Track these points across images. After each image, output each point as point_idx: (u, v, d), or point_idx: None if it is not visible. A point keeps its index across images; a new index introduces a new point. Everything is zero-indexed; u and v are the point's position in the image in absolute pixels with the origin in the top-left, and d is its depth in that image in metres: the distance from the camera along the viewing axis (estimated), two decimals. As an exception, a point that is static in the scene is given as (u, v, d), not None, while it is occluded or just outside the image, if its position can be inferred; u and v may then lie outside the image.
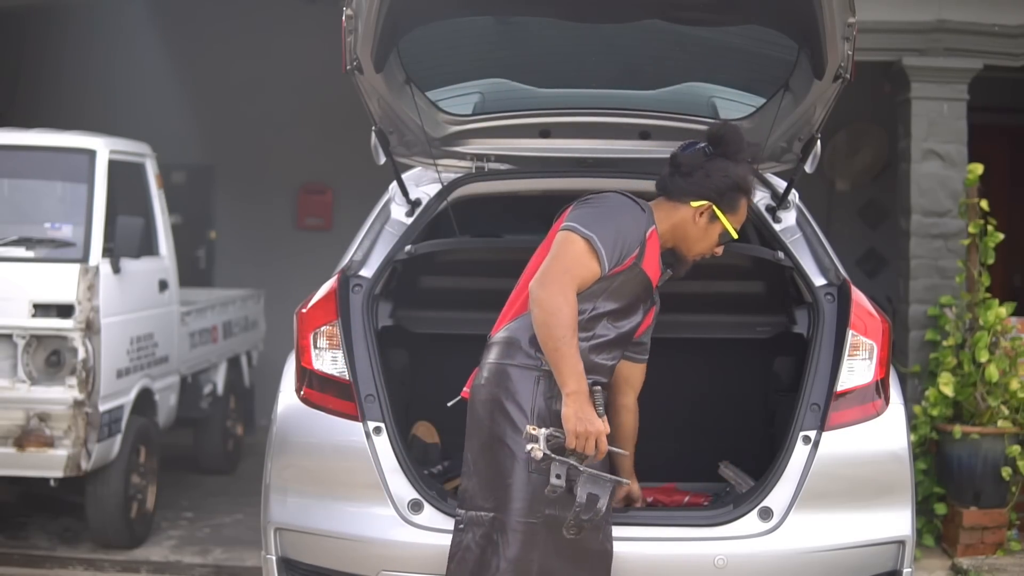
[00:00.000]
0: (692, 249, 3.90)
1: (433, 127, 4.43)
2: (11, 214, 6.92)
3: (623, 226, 3.70)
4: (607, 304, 3.73)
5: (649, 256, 3.78)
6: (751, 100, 4.51)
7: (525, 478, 3.60)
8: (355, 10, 3.67)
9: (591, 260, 3.63)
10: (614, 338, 3.79)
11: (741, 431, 5.02)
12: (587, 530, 3.57)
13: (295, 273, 8.88)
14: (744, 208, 3.91)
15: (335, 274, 4.27)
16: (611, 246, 3.65)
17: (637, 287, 3.77)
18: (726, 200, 3.84)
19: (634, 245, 3.70)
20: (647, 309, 3.93)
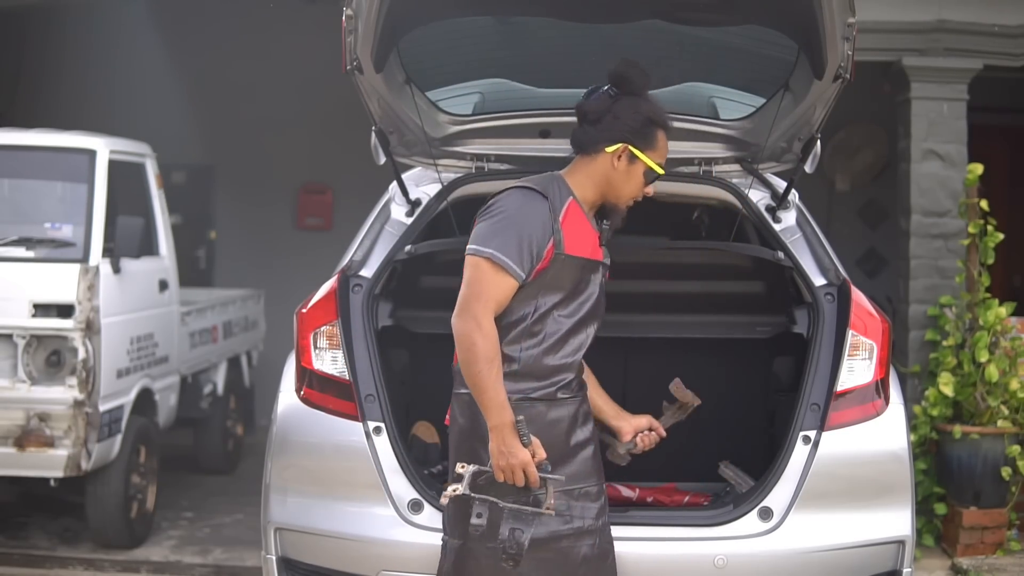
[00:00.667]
0: (620, 196, 3.75)
1: (433, 127, 4.43)
2: (11, 214, 6.93)
3: (524, 226, 3.57)
4: (548, 299, 3.63)
5: (572, 234, 3.65)
6: (751, 100, 4.51)
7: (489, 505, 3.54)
8: (355, 10, 3.67)
9: (500, 277, 3.52)
10: (569, 329, 3.67)
11: (741, 431, 5.02)
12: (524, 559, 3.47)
13: (295, 273, 8.88)
14: (663, 141, 3.74)
15: (335, 274, 4.27)
16: (516, 253, 3.53)
17: (572, 271, 3.66)
18: (641, 137, 3.69)
19: (545, 238, 3.58)
20: (601, 280, 3.78)
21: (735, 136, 4.54)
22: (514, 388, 3.58)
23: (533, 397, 3.62)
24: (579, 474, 3.68)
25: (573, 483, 3.66)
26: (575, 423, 3.71)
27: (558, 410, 3.66)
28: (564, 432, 3.67)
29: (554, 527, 3.60)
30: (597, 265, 3.77)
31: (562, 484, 3.59)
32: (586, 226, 3.74)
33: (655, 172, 3.74)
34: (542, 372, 3.64)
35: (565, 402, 3.69)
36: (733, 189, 4.57)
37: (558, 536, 3.62)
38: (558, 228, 3.62)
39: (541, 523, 3.55)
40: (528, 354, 3.63)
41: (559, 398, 3.67)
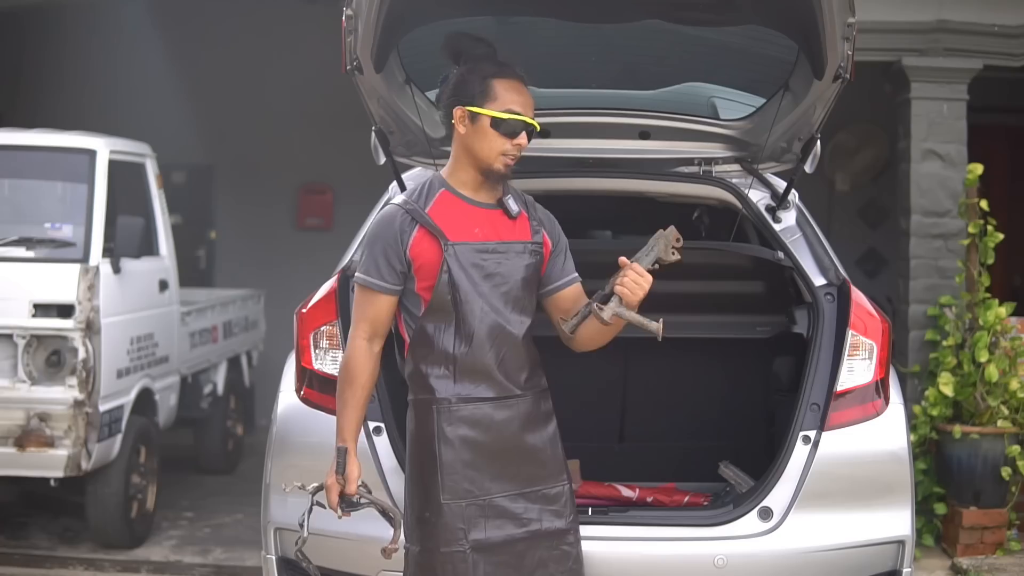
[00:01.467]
0: (488, 159, 3.57)
1: (433, 127, 4.43)
2: (11, 214, 6.93)
3: (378, 240, 3.57)
4: (460, 290, 3.53)
5: (450, 223, 3.56)
6: (751, 100, 4.51)
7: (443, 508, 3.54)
8: (355, 10, 3.67)
9: (370, 296, 3.56)
10: (495, 319, 3.57)
11: (741, 431, 5.02)
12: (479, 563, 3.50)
13: (295, 273, 8.89)
14: (504, 88, 3.57)
15: (335, 274, 4.27)
16: (375, 268, 3.55)
17: (468, 257, 3.55)
18: (470, 93, 3.57)
19: (402, 241, 3.53)
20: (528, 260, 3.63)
21: (735, 136, 4.54)
22: (456, 390, 3.55)
23: (476, 397, 3.56)
24: (537, 476, 3.61)
25: (530, 485, 3.59)
26: (530, 422, 3.62)
27: (505, 410, 3.58)
28: (516, 432, 3.58)
29: (509, 531, 3.55)
30: (504, 244, 3.60)
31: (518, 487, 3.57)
32: (468, 210, 3.61)
33: (503, 120, 3.56)
34: (480, 369, 3.56)
35: (512, 402, 3.59)
36: (733, 189, 4.57)
37: (513, 540, 3.56)
38: (429, 222, 3.54)
39: (496, 526, 3.53)
40: (462, 355, 3.55)
41: (504, 397, 3.58)
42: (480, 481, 3.53)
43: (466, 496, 3.52)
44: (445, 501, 3.51)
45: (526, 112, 3.60)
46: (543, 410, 3.67)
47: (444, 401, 3.54)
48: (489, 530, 3.52)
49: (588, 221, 5.51)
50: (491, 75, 3.59)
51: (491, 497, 3.54)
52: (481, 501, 3.53)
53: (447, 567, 3.50)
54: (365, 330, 3.59)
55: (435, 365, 3.57)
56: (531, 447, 3.61)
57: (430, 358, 3.58)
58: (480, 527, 3.52)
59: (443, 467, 3.53)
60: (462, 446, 3.53)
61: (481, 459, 3.54)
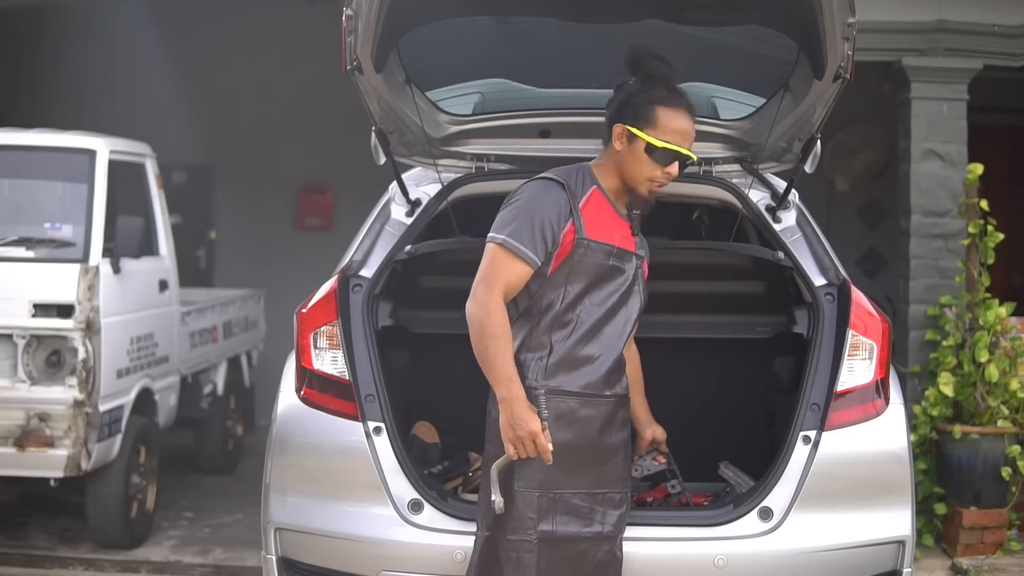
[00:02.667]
0: (635, 180, 3.70)
1: (433, 127, 4.43)
2: (11, 214, 6.93)
3: (538, 212, 3.59)
4: (575, 285, 3.65)
5: (594, 221, 3.66)
6: (751, 100, 4.51)
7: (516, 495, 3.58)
8: (355, 10, 3.67)
9: (512, 261, 3.57)
10: (600, 318, 3.67)
11: (741, 431, 5.02)
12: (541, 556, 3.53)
13: (295, 273, 8.89)
14: (667, 118, 3.65)
15: (335, 274, 4.27)
16: (528, 237, 3.57)
17: (598, 256, 3.66)
18: (636, 115, 3.66)
19: (561, 222, 3.60)
20: (635, 271, 3.77)
21: (735, 136, 4.54)
22: (546, 381, 3.60)
23: (565, 391, 3.62)
24: (607, 479, 3.68)
25: (599, 487, 3.66)
26: (608, 425, 3.70)
27: (590, 409, 3.65)
28: (595, 432, 3.65)
29: (575, 528, 3.61)
30: (627, 254, 3.74)
31: (588, 486, 3.62)
32: (611, 214, 3.74)
33: (658, 148, 3.64)
34: (574, 362, 3.63)
35: (598, 402, 3.67)
36: (733, 189, 4.57)
37: (577, 538, 3.62)
38: (577, 213, 3.63)
39: (563, 522, 3.57)
40: (561, 345, 3.63)
41: (591, 396, 3.64)
42: (556, 475, 3.57)
43: (540, 487, 3.57)
44: (519, 489, 3.56)
45: (684, 143, 3.68)
46: (622, 416, 3.76)
47: (533, 389, 3.58)
48: (557, 524, 3.58)
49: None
50: (659, 101, 3.67)
51: (563, 492, 3.60)
52: (553, 494, 3.59)
53: (511, 555, 3.56)
54: (502, 292, 3.56)
55: (531, 351, 3.62)
56: (607, 449, 3.68)
57: (529, 343, 3.63)
58: (549, 519, 3.58)
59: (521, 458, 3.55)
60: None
61: (560, 453, 3.56)
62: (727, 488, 4.50)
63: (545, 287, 3.64)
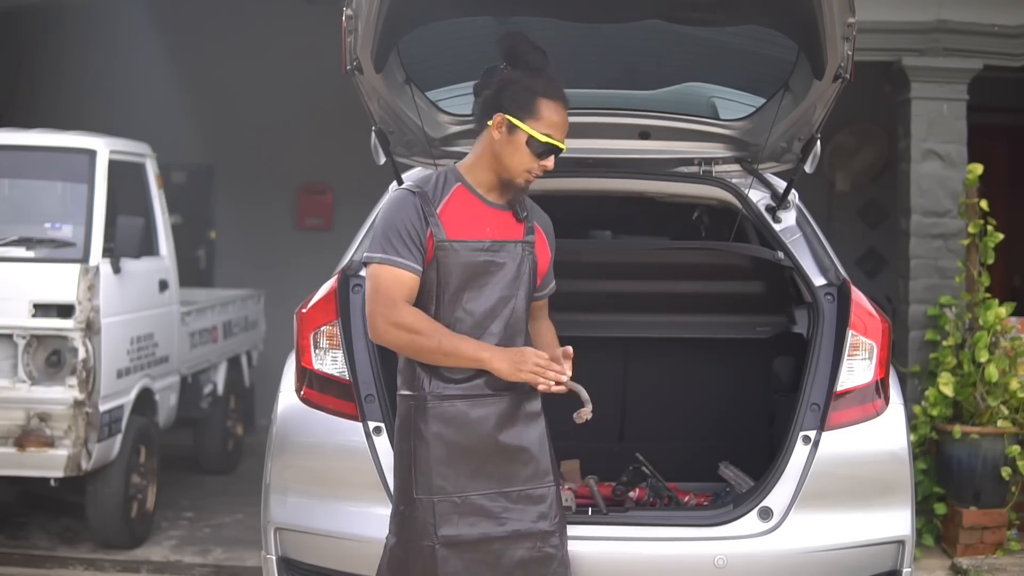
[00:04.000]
0: (510, 170, 3.59)
1: (433, 127, 4.43)
2: (11, 214, 6.93)
3: (399, 222, 3.54)
4: (447, 288, 3.56)
5: (456, 221, 3.57)
6: (751, 100, 4.51)
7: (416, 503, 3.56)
8: (355, 10, 3.67)
9: (397, 273, 3.51)
10: (478, 320, 3.58)
11: (741, 431, 5.02)
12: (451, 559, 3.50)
13: (295, 273, 8.88)
14: (549, 111, 3.55)
15: (335, 274, 4.27)
16: (400, 246, 3.51)
17: (464, 255, 3.56)
18: (519, 105, 3.55)
19: (421, 228, 3.53)
20: (521, 258, 3.63)
21: (735, 136, 4.54)
22: (432, 387, 3.54)
23: (450, 395, 3.55)
24: (518, 476, 3.59)
25: (510, 485, 3.57)
26: (507, 422, 3.58)
27: (482, 408, 3.56)
28: (491, 431, 3.57)
29: (486, 529, 3.55)
30: (506, 244, 3.61)
31: (497, 486, 3.56)
32: (480, 208, 3.63)
33: (539, 141, 3.56)
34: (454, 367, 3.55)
35: (489, 400, 3.57)
36: (733, 189, 4.57)
37: (489, 538, 3.55)
38: (435, 217, 3.55)
39: (470, 524, 3.53)
40: None
41: (479, 395, 3.56)
42: (454, 478, 3.53)
43: (439, 492, 3.52)
44: (417, 496, 3.53)
45: (560, 136, 3.60)
46: (527, 410, 3.62)
47: (420, 398, 3.55)
48: (462, 527, 3.53)
49: (588, 221, 5.50)
50: (541, 93, 3.58)
51: (467, 494, 3.54)
52: (456, 498, 3.53)
53: (417, 560, 3.53)
54: (398, 304, 3.51)
55: (414, 361, 3.57)
56: (510, 447, 3.58)
57: None
58: (452, 523, 3.52)
59: (417, 463, 3.54)
60: (436, 443, 3.53)
61: (456, 456, 3.53)
62: (727, 488, 4.50)
63: (419, 295, 3.57)
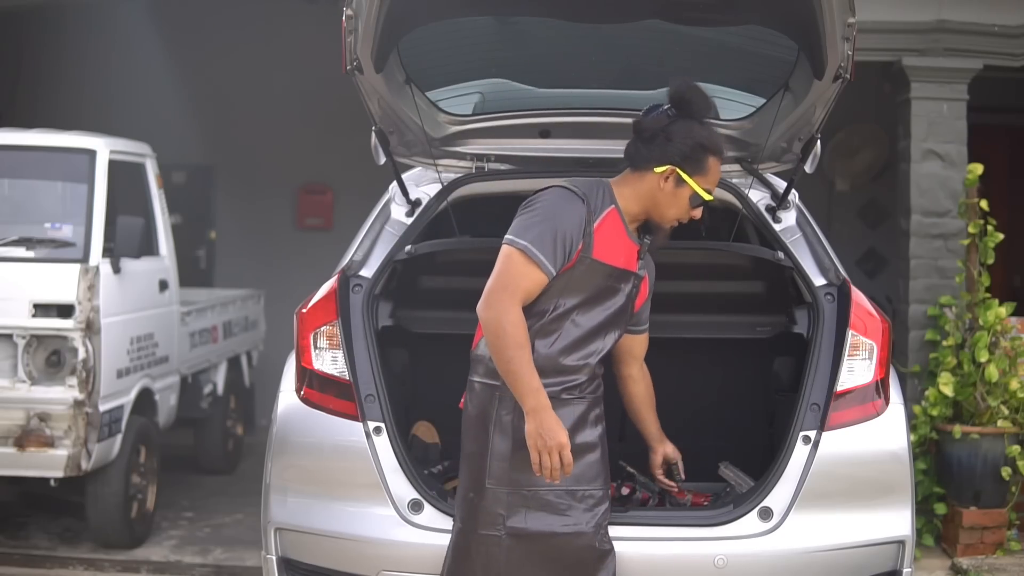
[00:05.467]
0: (664, 216, 3.77)
1: (433, 127, 4.43)
2: (11, 214, 6.93)
3: (560, 223, 3.62)
4: (569, 300, 3.68)
5: (605, 241, 3.69)
6: (751, 100, 4.51)
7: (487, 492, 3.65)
8: (355, 10, 3.67)
9: (531, 269, 3.59)
10: (585, 334, 3.72)
11: (741, 431, 5.02)
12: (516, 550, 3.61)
13: (295, 273, 8.89)
14: (715, 168, 3.77)
15: (335, 274, 4.27)
16: (550, 248, 3.60)
17: (596, 277, 3.70)
18: (691, 162, 3.71)
19: (576, 238, 3.63)
20: (630, 291, 3.82)
21: (735, 136, 4.54)
22: None
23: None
24: (583, 476, 3.69)
25: (577, 484, 3.68)
26: (581, 424, 3.72)
27: (562, 409, 3.65)
28: (568, 431, 3.63)
29: (551, 524, 3.64)
30: (627, 275, 3.80)
31: (567, 483, 3.63)
32: (622, 236, 3.78)
33: (701, 197, 3.75)
34: (551, 370, 3.66)
35: (570, 402, 3.70)
36: (733, 189, 4.56)
37: (554, 534, 3.64)
38: (590, 232, 3.66)
39: (537, 519, 3.61)
40: (540, 353, 3.64)
41: (564, 398, 3.68)
42: (529, 472, 3.58)
43: (511, 484, 3.61)
44: (490, 486, 3.62)
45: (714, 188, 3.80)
46: (596, 414, 3.79)
47: (506, 389, 3.61)
48: (529, 520, 3.62)
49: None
50: (710, 150, 3.74)
51: (536, 489, 3.62)
52: (526, 491, 3.62)
53: (481, 548, 3.63)
54: (521, 299, 3.59)
55: None
56: (581, 448, 3.69)
57: None
58: (520, 515, 3.61)
59: (493, 453, 3.64)
60: (515, 435, 3.60)
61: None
62: (727, 488, 4.50)
63: (540, 295, 3.66)
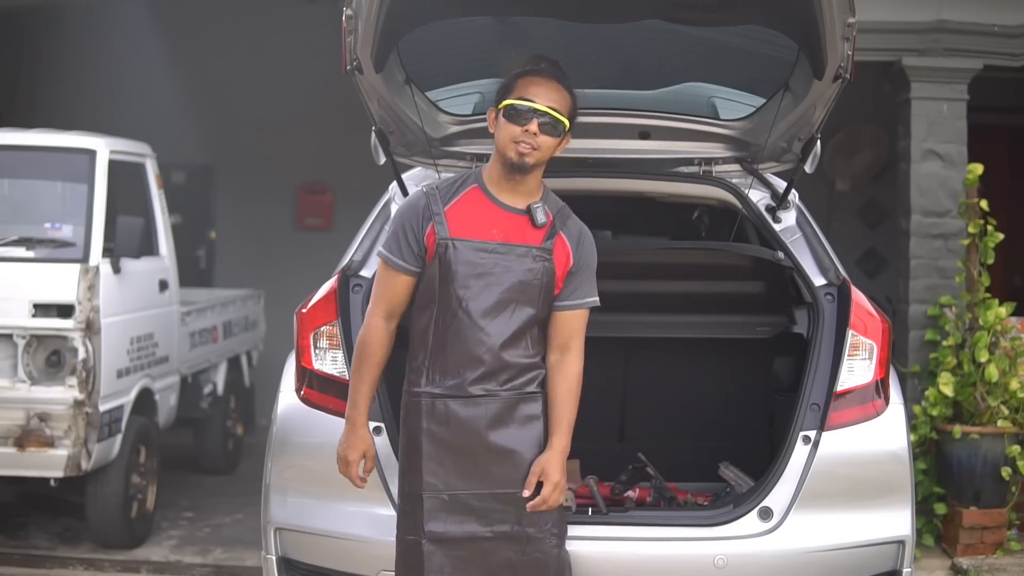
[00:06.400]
0: (504, 148, 3.60)
1: (433, 127, 4.43)
2: (11, 214, 6.93)
3: (402, 220, 3.65)
4: (446, 285, 3.58)
5: (464, 220, 3.60)
6: (751, 100, 4.51)
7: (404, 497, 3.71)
8: (355, 10, 3.67)
9: (389, 272, 3.65)
10: (473, 319, 3.57)
11: (741, 431, 5.02)
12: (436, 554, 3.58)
13: (295, 273, 8.89)
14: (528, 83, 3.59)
15: (335, 274, 4.28)
16: (396, 246, 3.64)
17: (465, 254, 3.57)
18: (501, 92, 3.65)
19: (420, 225, 3.60)
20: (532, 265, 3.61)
21: (735, 136, 4.54)
22: (428, 385, 3.60)
23: (442, 394, 3.58)
24: (510, 479, 3.59)
25: (501, 487, 3.59)
26: (498, 424, 3.59)
27: (473, 408, 3.58)
28: (480, 432, 3.59)
29: (473, 528, 3.58)
30: (514, 248, 3.61)
31: (489, 486, 3.59)
32: (489, 210, 3.65)
33: (512, 107, 3.58)
34: (448, 367, 3.59)
35: (480, 400, 3.59)
36: (733, 189, 4.57)
37: (475, 537, 3.58)
38: (440, 216, 3.61)
39: (457, 521, 3.58)
40: (434, 347, 3.60)
41: (473, 395, 3.58)
42: (444, 476, 3.58)
43: (428, 489, 3.58)
44: (408, 492, 3.62)
45: (540, 99, 3.60)
46: (523, 413, 3.62)
47: (415, 394, 3.63)
48: (449, 524, 3.58)
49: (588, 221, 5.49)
50: (521, 74, 3.65)
51: (456, 493, 3.58)
52: (444, 496, 3.58)
53: (405, 554, 3.63)
54: (383, 309, 3.68)
55: (415, 358, 3.66)
56: (502, 448, 3.60)
57: (414, 350, 3.67)
58: (440, 519, 3.58)
59: (409, 458, 3.63)
60: (428, 440, 3.59)
61: (446, 455, 3.59)
62: (727, 488, 4.50)
63: (419, 291, 3.64)
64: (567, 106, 3.65)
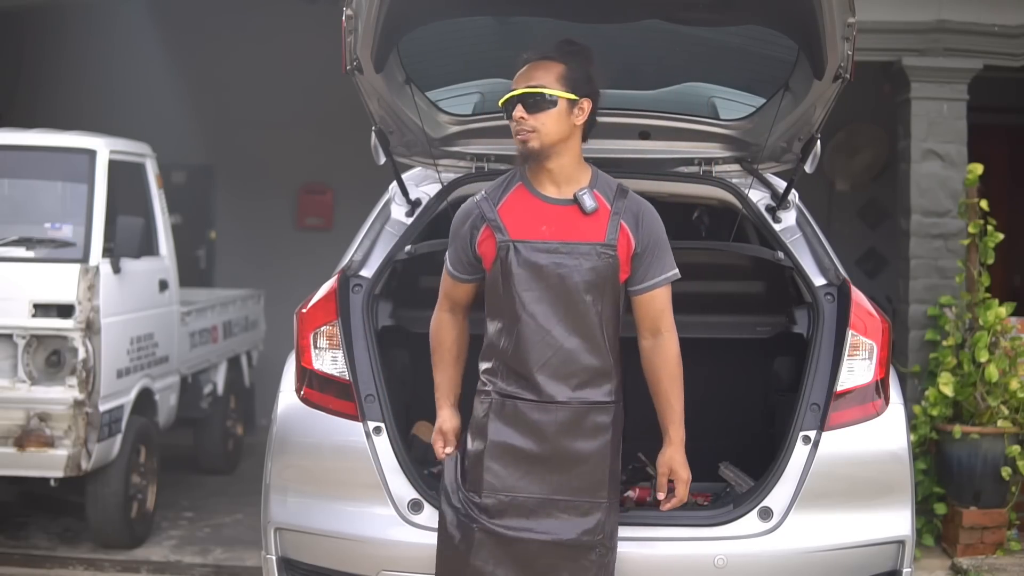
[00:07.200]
0: (517, 146, 3.66)
1: (433, 127, 4.43)
2: (11, 214, 6.93)
3: (455, 235, 3.78)
4: (510, 289, 3.61)
5: (514, 220, 3.62)
6: (751, 100, 4.51)
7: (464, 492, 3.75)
8: (355, 10, 3.67)
9: (451, 280, 3.82)
10: (539, 323, 3.59)
11: (741, 431, 5.02)
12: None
13: (295, 273, 8.89)
14: (517, 77, 3.66)
15: (335, 274, 4.28)
16: (456, 258, 3.78)
17: (525, 257, 3.59)
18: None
19: (473, 234, 3.67)
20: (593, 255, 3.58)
21: (735, 136, 4.54)
22: (501, 386, 3.65)
23: (516, 396, 3.62)
24: (569, 486, 3.60)
25: (559, 493, 3.60)
26: (569, 431, 3.60)
27: (544, 415, 3.61)
28: (552, 438, 3.60)
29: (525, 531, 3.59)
30: (571, 247, 3.58)
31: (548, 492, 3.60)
32: (534, 205, 3.65)
33: (506, 103, 3.65)
34: (521, 370, 3.61)
35: (553, 407, 3.60)
36: (733, 189, 4.57)
37: (527, 540, 3.58)
38: (495, 221, 3.65)
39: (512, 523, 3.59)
40: (507, 350, 3.62)
41: (542, 401, 3.60)
42: (506, 478, 3.60)
43: (488, 488, 3.60)
44: (468, 490, 3.64)
45: (523, 85, 3.63)
46: (592, 423, 3.63)
47: (487, 395, 3.66)
48: (504, 523, 3.59)
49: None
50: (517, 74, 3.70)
51: (515, 495, 3.60)
52: (503, 496, 3.60)
53: (458, 524, 3.64)
54: (446, 306, 3.86)
55: (488, 360, 3.69)
56: (568, 456, 3.61)
57: (487, 351, 3.70)
58: (495, 518, 3.59)
59: (471, 457, 3.66)
60: (495, 442, 3.61)
61: (512, 457, 3.60)
62: (727, 488, 4.50)
63: (486, 294, 3.70)
64: (556, 75, 3.62)
